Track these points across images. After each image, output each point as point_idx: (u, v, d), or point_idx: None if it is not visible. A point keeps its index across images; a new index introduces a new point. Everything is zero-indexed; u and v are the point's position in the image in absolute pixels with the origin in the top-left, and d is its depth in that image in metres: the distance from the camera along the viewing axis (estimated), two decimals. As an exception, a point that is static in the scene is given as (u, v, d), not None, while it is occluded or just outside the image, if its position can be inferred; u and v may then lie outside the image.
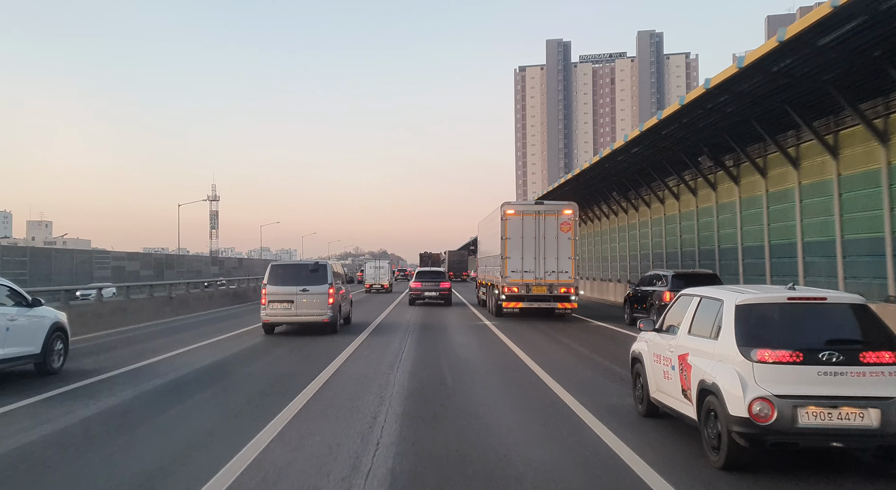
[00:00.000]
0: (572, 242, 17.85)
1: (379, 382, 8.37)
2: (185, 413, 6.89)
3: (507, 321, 17.42)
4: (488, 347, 12.26)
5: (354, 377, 8.79)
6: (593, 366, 10.00)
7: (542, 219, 17.93)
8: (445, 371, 9.39)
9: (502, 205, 18.31)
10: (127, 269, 35.05)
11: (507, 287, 17.93)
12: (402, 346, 12.03)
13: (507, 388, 8.17)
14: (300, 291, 13.64)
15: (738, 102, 13.89)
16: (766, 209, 16.25)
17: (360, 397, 7.42)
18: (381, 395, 7.49)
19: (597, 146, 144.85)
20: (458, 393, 7.73)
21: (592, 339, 13.54)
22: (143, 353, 11.39)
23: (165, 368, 9.73)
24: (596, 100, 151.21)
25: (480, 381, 8.61)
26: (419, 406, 6.96)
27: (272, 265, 14.43)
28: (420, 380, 8.58)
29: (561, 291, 17.73)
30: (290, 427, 6.01)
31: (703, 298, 5.59)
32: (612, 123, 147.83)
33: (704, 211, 20.16)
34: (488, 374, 9.24)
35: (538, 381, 8.62)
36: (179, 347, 12.12)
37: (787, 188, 15.37)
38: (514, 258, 17.94)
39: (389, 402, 7.16)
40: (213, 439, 5.73)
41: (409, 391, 7.79)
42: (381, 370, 9.38)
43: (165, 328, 16.34)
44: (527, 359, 10.49)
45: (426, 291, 24.84)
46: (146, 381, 8.61)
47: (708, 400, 4.90)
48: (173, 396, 7.74)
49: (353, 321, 16.98)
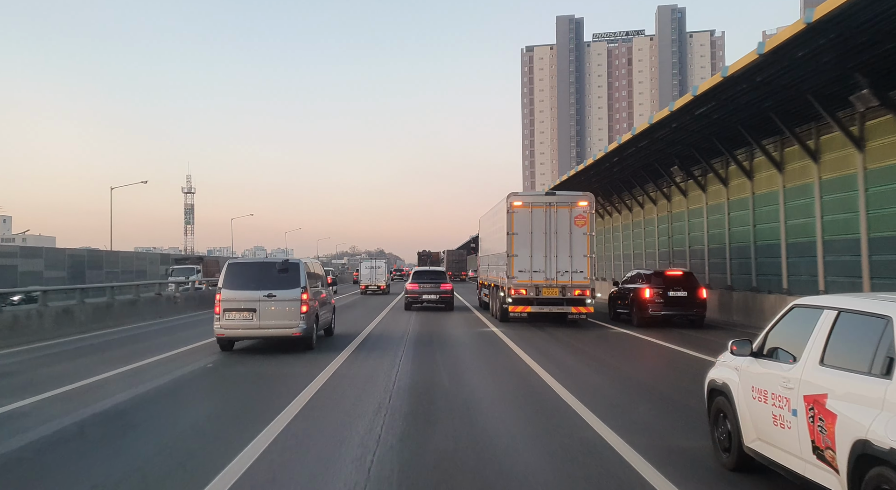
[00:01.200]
0: (588, 238, 17.31)
1: (354, 455, 5.51)
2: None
3: (516, 327, 16.93)
4: (504, 368, 10.64)
5: (320, 436, 6.25)
6: (636, 389, 8.96)
7: (553, 211, 17.43)
8: (457, 420, 6.87)
9: (508, 196, 17.83)
10: (21, 270, 28.62)
11: (513, 289, 17.44)
12: (395, 371, 10.00)
13: (547, 449, 5.87)
14: (265, 297, 11.83)
15: (795, 72, 12.81)
16: (819, 199, 15.28)
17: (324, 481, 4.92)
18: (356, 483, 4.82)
19: (612, 133, 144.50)
20: (475, 451, 5.73)
21: (621, 351, 12.90)
22: (33, 383, 9.09)
23: (43, 414, 7.21)
24: (611, 83, 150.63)
25: (505, 439, 6.20)
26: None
27: (229, 264, 12.55)
28: (419, 442, 5.98)
29: (575, 294, 17.24)
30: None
31: (843, 313, 4.19)
32: (629, 108, 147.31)
33: (738, 203, 19.53)
34: (514, 422, 6.98)
35: (573, 415, 7.09)
36: (94, 374, 9.71)
37: (847, 174, 14.23)
38: (521, 256, 17.44)
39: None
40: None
41: (403, 463, 5.33)
42: (361, 422, 6.72)
43: (95, 343, 14.20)
44: (552, 381, 9.13)
45: (424, 294, 23.63)
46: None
47: (878, 474, 3.46)
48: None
49: (337, 332, 15.44)
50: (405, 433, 6.31)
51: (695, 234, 21.96)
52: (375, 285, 39.63)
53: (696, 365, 10.21)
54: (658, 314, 16.91)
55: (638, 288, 17.67)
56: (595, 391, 8.67)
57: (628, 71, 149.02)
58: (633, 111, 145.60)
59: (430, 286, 23.76)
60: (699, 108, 15.90)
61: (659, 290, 16.98)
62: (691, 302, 17.06)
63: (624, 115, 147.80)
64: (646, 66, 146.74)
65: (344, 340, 14.11)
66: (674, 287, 17.08)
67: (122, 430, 6.68)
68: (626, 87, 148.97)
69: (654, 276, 17.47)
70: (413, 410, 7.35)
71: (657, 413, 7.42)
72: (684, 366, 10.97)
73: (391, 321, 19.27)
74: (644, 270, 19.40)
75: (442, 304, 23.64)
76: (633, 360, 12.04)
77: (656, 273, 17.87)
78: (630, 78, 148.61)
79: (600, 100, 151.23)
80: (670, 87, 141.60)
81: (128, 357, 11.64)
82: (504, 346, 13.24)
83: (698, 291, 17.20)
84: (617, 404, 7.85)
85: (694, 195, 22.82)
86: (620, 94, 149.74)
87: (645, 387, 9.22)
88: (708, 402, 5.62)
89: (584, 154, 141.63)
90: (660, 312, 16.90)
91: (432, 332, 15.85)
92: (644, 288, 17.30)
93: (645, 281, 17.60)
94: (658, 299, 16.89)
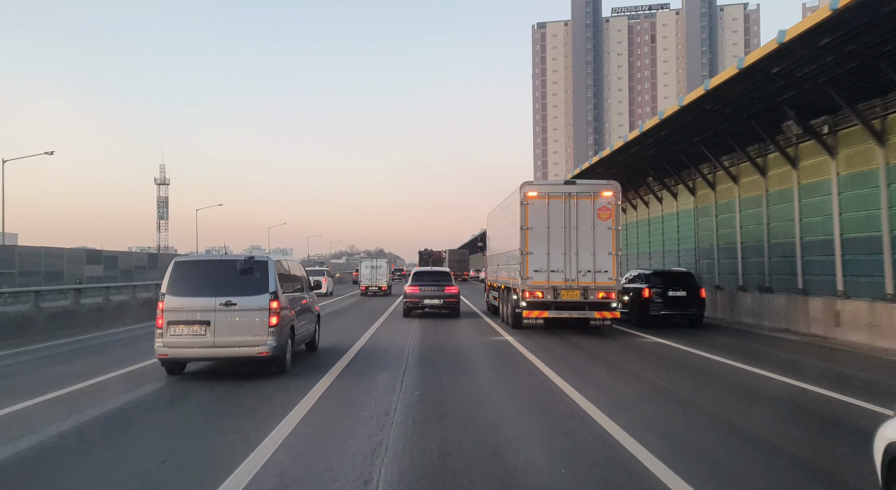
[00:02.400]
0: (613, 233, 16.68)
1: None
2: None
3: (532, 335, 16.31)
4: (533, 396, 9.02)
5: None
6: (725, 428, 7.21)
7: (573, 203, 16.81)
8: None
9: (522, 185, 17.22)
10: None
11: (528, 291, 16.86)
12: (391, 410, 7.94)
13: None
14: (222, 306, 10.09)
15: (866, 36, 12.04)
16: (885, 188, 14.50)
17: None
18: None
19: (633, 118, 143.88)
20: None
21: (665, 367, 11.84)
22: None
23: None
24: (632, 62, 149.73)
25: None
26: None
27: (176, 262, 10.68)
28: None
29: (599, 296, 16.63)
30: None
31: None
32: (653, 90, 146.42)
33: (778, 195, 18.91)
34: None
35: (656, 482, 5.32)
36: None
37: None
38: (537, 254, 16.85)
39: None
40: None
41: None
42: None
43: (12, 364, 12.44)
44: (605, 420, 7.32)
45: (426, 298, 22.41)
46: None
47: None
48: None
49: (324, 344, 14.27)
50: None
51: (750, 226, 21.08)
52: (376, 286, 40.74)
53: (796, 395, 9.06)
54: (658, 314, 18.36)
55: (638, 288, 19.01)
56: (674, 439, 6.67)
57: (652, 49, 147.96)
58: (657, 93, 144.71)
59: (433, 289, 22.60)
60: (739, 87, 15.29)
61: (658, 289, 18.49)
62: (691, 301, 18.59)
63: (647, 98, 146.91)
64: (671, 43, 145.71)
65: (330, 357, 12.60)
66: (673, 287, 18.63)
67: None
68: (650, 66, 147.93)
69: (654, 276, 18.95)
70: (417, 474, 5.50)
71: (753, 457, 5.99)
72: (772, 393, 9.46)
73: (390, 329, 18.54)
74: (644, 270, 20.83)
75: (446, 310, 22.56)
76: (702, 387, 9.84)
77: (656, 273, 19.36)
78: (654, 56, 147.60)
79: (620, 81, 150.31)
80: (699, 66, 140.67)
81: (50, 382, 10.07)
82: (525, 362, 12.28)
83: (697, 291, 18.76)
84: (724, 468, 5.74)
85: (723, 188, 22.43)
86: (643, 75, 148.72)
87: (746, 434, 6.97)
88: (885, 467, 4.35)
89: (603, 142, 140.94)
90: (659, 312, 18.36)
91: (437, 345, 14.83)
92: (644, 288, 18.72)
93: (644, 281, 19.11)
94: (658, 299, 18.34)
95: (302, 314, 12.16)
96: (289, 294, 11.29)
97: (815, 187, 17.20)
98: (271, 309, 10.25)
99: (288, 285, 11.40)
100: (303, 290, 12.77)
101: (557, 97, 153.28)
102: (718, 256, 22.83)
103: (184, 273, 10.52)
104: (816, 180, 17.13)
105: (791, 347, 14.43)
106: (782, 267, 18.76)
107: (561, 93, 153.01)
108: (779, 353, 13.42)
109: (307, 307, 12.85)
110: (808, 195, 17.49)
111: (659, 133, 20.04)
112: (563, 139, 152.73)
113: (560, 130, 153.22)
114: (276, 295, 10.38)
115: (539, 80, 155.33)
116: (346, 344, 14.84)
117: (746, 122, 18.00)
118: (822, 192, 16.81)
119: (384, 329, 18.70)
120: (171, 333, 10.14)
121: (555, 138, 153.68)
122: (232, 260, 10.73)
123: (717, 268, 22.91)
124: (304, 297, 12.63)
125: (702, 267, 23.99)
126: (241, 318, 10.21)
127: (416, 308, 22.73)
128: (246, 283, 10.33)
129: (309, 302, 13.14)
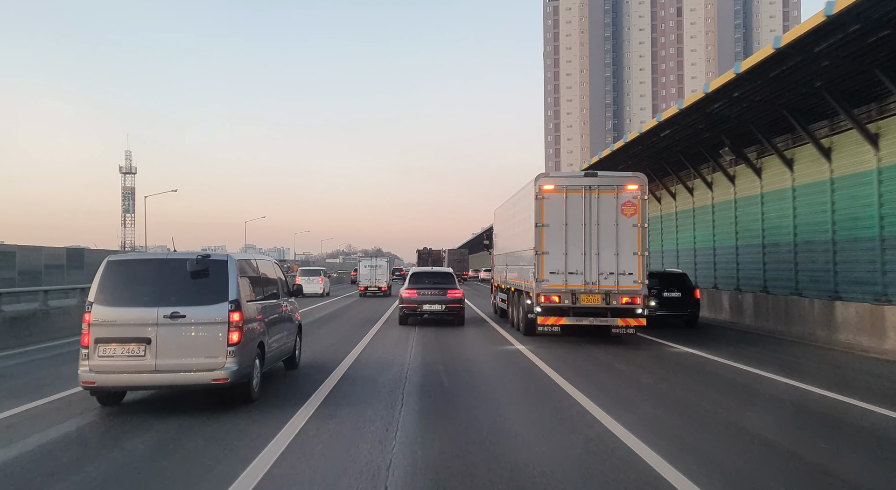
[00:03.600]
0: (639, 231, 16.40)
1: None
2: None
3: (547, 344, 16.05)
4: (564, 428, 8.21)
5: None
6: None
7: (594, 197, 16.55)
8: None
9: (537, 178, 16.97)
10: None
11: (543, 295, 16.62)
12: (383, 466, 6.52)
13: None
14: (166, 319, 8.70)
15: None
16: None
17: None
18: None
19: (657, 102, 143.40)
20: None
21: (717, 388, 11.29)
22: None
23: None
24: (656, 39, 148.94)
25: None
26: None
27: (108, 261, 9.21)
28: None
29: (622, 302, 16.38)
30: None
31: None
32: (679, 70, 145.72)
33: (843, 182, 17.83)
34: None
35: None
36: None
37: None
38: (553, 254, 16.58)
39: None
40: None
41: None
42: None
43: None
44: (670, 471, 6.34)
45: (425, 303, 21.09)
46: None
47: None
48: None
49: (308, 359, 13.44)
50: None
51: (806, 217, 20.29)
52: (376, 286, 42.12)
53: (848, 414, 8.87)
54: (654, 315, 18.90)
55: None
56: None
57: (677, 23, 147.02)
58: (684, 73, 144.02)
59: (434, 293, 21.28)
60: (793, 59, 14.59)
61: (654, 290, 19.34)
62: (685, 302, 20.63)
63: (672, 79, 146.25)
64: (700, 16, 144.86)
65: (312, 378, 11.41)
66: (668, 288, 20.51)
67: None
68: (675, 43, 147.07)
69: (650, 278, 18.89)
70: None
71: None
72: (839, 422, 8.93)
73: (387, 339, 18.11)
74: None
75: (450, 317, 21.49)
76: (765, 412, 9.28)
77: (651, 274, 19.59)
78: (680, 32, 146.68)
79: (642, 60, 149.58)
80: (731, 41, 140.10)
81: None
82: (545, 380, 11.75)
83: (692, 292, 20.71)
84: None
85: (743, 182, 22.06)
86: (667, 53, 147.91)
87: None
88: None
89: (623, 127, 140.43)
90: (655, 313, 19.15)
91: (442, 360, 14.10)
92: None
93: None
94: (653, 300, 18.69)
95: (276, 326, 10.87)
96: (258, 302, 9.99)
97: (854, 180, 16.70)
98: (231, 322, 8.87)
99: (257, 290, 10.17)
100: (278, 296, 11.44)
101: (572, 78, 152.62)
102: (765, 253, 21.96)
103: (118, 276, 9.04)
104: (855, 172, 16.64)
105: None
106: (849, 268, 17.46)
107: (576, 73, 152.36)
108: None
109: (284, 317, 11.58)
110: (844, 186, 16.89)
111: (704, 109, 18.99)
112: (577, 125, 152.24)
113: (575, 115, 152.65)
114: (239, 304, 9.01)
115: (551, 58, 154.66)
116: (335, 357, 14.18)
117: (777, 109, 17.59)
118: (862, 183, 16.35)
119: (382, 336, 18.43)
120: (101, 354, 8.63)
121: (569, 123, 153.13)
122: (180, 259, 9.14)
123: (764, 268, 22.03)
124: (280, 304, 11.38)
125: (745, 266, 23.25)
126: (191, 335, 8.82)
127: (413, 314, 21.46)
128: (199, 290, 8.99)
129: (287, 310, 11.91)
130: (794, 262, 20.02)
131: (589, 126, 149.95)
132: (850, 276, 17.19)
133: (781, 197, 20.73)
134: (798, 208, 19.82)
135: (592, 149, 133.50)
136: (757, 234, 22.37)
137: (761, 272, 21.97)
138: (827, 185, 18.22)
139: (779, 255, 20.91)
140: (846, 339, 16.62)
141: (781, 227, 20.70)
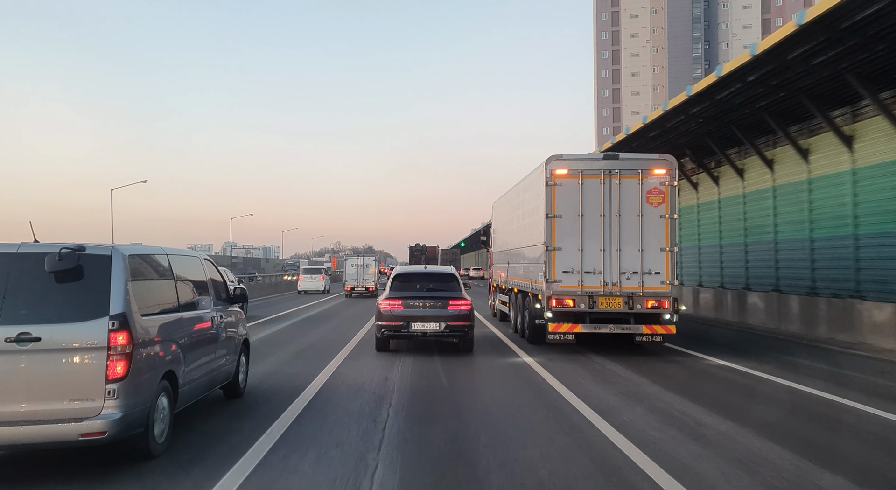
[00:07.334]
0: (667, 223, 14.13)
1: None
2: None
3: (558, 356, 13.69)
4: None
5: None
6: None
7: (615, 183, 14.23)
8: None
9: (549, 160, 14.57)
10: None
11: (555, 298, 14.25)
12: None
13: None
14: (8, 342, 5.92)
15: None
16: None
17: None
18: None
19: (768, 16, 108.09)
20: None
21: (789, 421, 8.89)
22: None
23: None
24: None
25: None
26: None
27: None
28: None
29: (648, 306, 14.06)
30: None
31: None
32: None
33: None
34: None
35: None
36: None
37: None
38: (567, 250, 14.29)
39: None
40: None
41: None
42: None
43: None
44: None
45: (416, 321, 14.09)
46: None
47: None
48: None
49: (264, 382, 10.84)
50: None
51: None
52: (363, 287, 41.70)
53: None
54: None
55: None
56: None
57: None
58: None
59: (428, 305, 14.27)
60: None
61: None
62: None
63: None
64: None
65: (262, 411, 8.78)
66: None
67: None
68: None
69: None
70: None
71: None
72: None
73: (367, 354, 14.79)
74: None
75: (453, 338, 14.72)
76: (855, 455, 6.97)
77: None
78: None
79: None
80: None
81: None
82: (568, 411, 9.39)
83: None
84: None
85: (815, 158, 18.36)
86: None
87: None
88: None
89: (716, 54, 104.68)
90: None
91: (437, 377, 11.89)
92: None
93: None
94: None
95: (201, 347, 8.11)
96: (168, 314, 7.33)
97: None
98: (114, 347, 6.09)
99: (167, 298, 7.51)
100: (209, 306, 8.68)
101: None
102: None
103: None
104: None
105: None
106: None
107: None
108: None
109: (216, 333, 8.69)
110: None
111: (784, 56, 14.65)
112: (648, 56, 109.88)
113: (644, 56, 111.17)
114: (126, 320, 6.23)
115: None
116: (302, 378, 11.16)
117: (839, 75, 15.13)
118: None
119: (360, 351, 15.31)
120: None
121: (633, 70, 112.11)
122: (37, 253, 6.29)
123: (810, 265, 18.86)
124: (208, 316, 8.52)
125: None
126: (48, 367, 6.00)
127: (396, 336, 14.62)
128: (64, 299, 6.23)
129: (225, 322, 9.11)
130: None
131: (667, 53, 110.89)
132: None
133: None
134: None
135: (672, 88, 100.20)
136: (804, 226, 19.19)
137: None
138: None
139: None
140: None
141: (841, 215, 17.79)
